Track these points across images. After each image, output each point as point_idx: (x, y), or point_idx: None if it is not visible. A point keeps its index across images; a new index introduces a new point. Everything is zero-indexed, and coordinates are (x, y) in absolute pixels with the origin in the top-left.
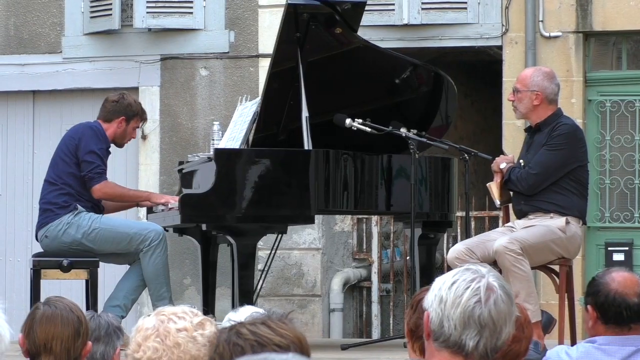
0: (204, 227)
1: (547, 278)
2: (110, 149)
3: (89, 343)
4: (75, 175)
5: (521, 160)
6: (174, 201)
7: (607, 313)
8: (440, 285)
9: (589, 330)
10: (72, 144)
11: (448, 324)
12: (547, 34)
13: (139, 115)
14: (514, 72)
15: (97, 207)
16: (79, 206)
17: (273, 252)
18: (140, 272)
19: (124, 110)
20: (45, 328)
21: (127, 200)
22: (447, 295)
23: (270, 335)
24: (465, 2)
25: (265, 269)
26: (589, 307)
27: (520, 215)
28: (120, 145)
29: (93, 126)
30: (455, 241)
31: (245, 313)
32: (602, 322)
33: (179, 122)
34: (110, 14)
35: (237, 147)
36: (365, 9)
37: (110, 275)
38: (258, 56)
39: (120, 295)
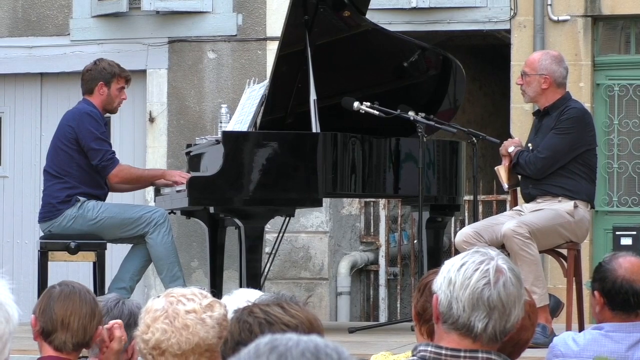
0: (211, 209)
1: (555, 262)
2: (106, 124)
3: (100, 328)
4: (78, 164)
5: (529, 144)
6: (185, 180)
7: (615, 300)
8: (449, 268)
9: (596, 315)
10: (70, 132)
11: (457, 306)
12: (555, 18)
13: (117, 75)
14: (522, 56)
15: (99, 193)
16: (80, 198)
17: (281, 235)
18: (144, 252)
19: (99, 75)
20: (64, 304)
21: (143, 182)
22: (456, 277)
23: (280, 315)
24: None
25: (273, 252)
26: (596, 292)
27: (529, 199)
28: (112, 111)
29: (87, 111)
30: (462, 225)
31: (240, 296)
32: (609, 309)
33: (187, 105)
34: None
35: (245, 130)
36: None
37: (117, 257)
38: (266, 39)
39: (126, 277)
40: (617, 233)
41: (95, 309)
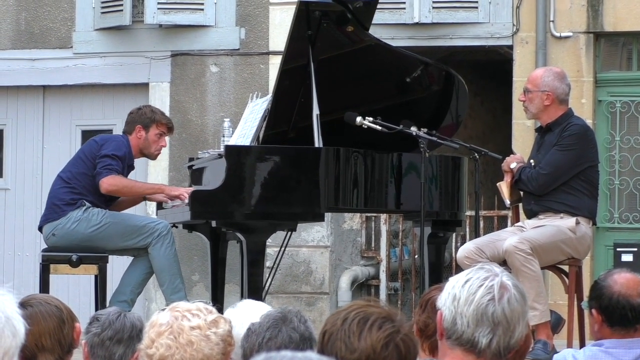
0: (213, 223)
1: (556, 278)
2: (133, 164)
3: (77, 325)
4: (91, 178)
5: (531, 160)
6: (187, 194)
7: (612, 316)
8: (454, 284)
9: (595, 334)
10: (94, 146)
11: (461, 321)
12: (557, 34)
13: (156, 121)
14: (525, 72)
15: (103, 205)
16: (86, 202)
17: (282, 249)
18: (145, 265)
19: (138, 119)
20: (30, 330)
21: (136, 193)
22: (461, 292)
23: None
24: (476, 2)
25: (274, 266)
26: (593, 311)
27: (531, 215)
28: (150, 156)
29: (118, 139)
30: (463, 240)
31: (244, 308)
32: (607, 325)
33: (189, 119)
34: (121, 10)
35: (248, 144)
36: (377, 7)
37: (118, 269)
38: (268, 53)
39: (127, 290)
40: (618, 249)
41: (61, 316)
